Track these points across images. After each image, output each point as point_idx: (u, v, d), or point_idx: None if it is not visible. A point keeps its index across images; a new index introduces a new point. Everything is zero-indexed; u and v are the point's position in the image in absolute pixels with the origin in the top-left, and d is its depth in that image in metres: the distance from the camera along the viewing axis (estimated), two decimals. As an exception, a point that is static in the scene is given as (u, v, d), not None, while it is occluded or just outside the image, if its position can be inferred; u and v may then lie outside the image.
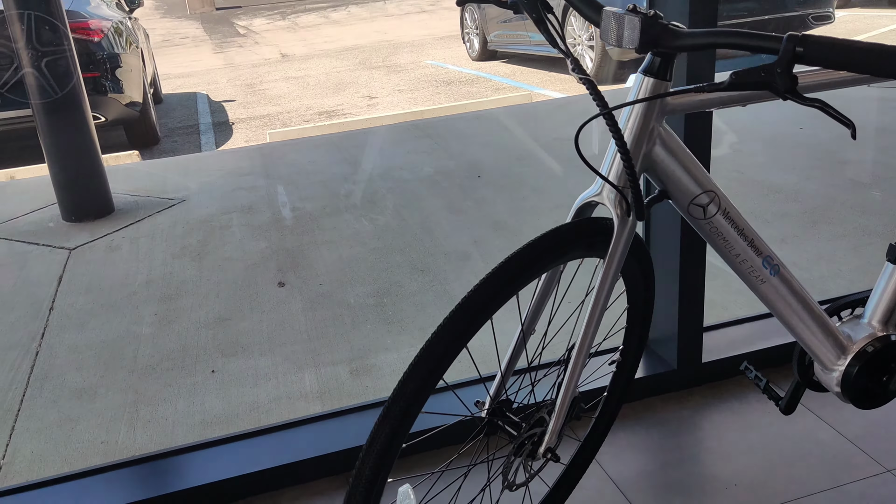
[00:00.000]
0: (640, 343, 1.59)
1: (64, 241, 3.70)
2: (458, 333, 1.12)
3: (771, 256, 1.40)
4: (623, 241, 1.27)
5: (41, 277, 3.31)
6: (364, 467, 1.11)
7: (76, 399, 2.40)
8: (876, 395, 1.57)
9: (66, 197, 3.89)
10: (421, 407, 1.12)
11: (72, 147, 3.82)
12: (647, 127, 1.22)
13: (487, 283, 1.15)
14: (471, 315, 1.13)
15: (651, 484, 1.79)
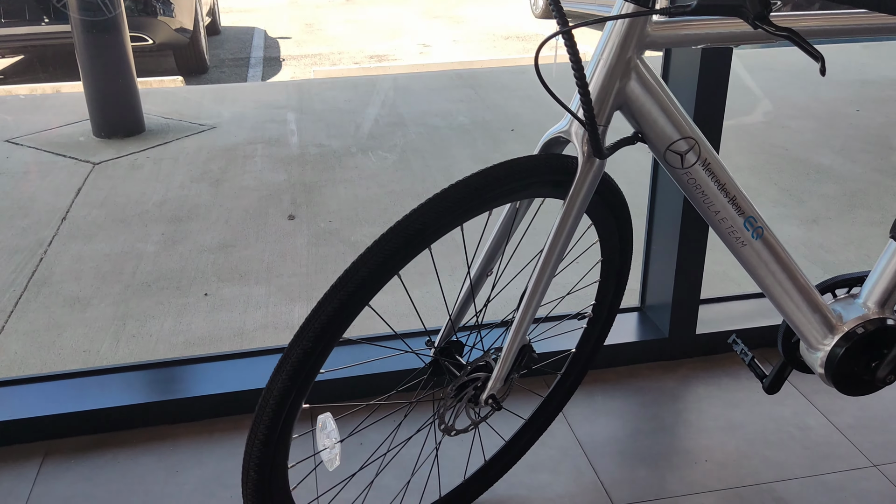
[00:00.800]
0: (614, 301, 1.50)
1: (90, 155, 3.71)
2: (388, 256, 1.05)
3: (754, 218, 1.30)
4: (588, 182, 1.18)
5: (61, 188, 3.33)
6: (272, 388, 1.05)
7: (69, 307, 2.41)
8: (862, 382, 1.46)
9: (98, 113, 3.90)
10: (343, 328, 1.05)
11: (107, 65, 3.82)
12: (622, 57, 1.12)
13: (425, 208, 1.07)
14: (404, 238, 1.05)
15: (617, 450, 1.71)
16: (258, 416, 1.05)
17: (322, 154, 3.70)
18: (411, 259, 1.08)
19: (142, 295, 2.47)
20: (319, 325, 1.02)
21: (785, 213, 2.99)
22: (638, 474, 1.65)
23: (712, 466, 1.67)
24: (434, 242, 1.10)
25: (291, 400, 1.05)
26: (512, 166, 1.13)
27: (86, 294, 2.48)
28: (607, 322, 1.53)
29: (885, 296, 1.42)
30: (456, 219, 1.10)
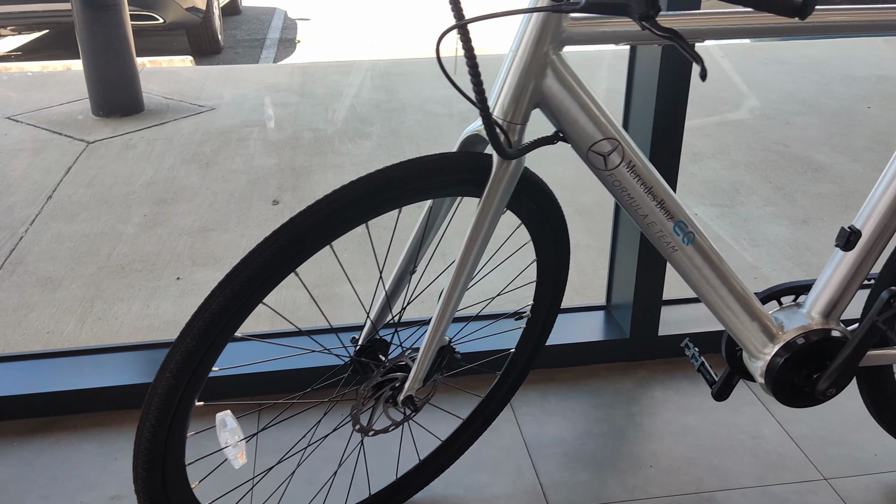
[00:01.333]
0: (553, 303, 1.46)
1: (85, 134, 3.72)
2: (278, 253, 1.02)
3: (685, 222, 1.25)
4: (504, 181, 1.14)
5: (52, 166, 3.34)
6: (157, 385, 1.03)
7: (40, 287, 2.42)
8: (804, 394, 1.41)
9: (96, 92, 3.90)
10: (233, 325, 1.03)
11: (106, 44, 3.82)
12: (537, 53, 1.08)
13: (320, 205, 1.04)
14: (296, 236, 1.02)
15: (563, 452, 1.68)
16: (144, 413, 1.03)
17: (316, 139, 3.68)
18: (308, 256, 1.05)
19: (114, 277, 2.47)
20: (204, 323, 1.00)
21: (775, 212, 2.92)
22: (579, 478, 1.61)
23: (656, 472, 1.63)
24: (335, 239, 1.08)
25: (180, 397, 1.03)
26: (419, 164, 1.10)
27: (59, 275, 2.48)
28: (547, 323, 1.49)
29: (829, 306, 1.37)
30: (357, 216, 1.07)
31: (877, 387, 1.51)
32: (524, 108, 1.11)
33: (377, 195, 1.07)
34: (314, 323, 2.22)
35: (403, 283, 1.31)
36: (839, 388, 1.38)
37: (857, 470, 1.63)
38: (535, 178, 1.24)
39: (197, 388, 1.05)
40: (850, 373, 1.37)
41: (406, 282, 1.31)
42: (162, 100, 4.24)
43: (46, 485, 1.58)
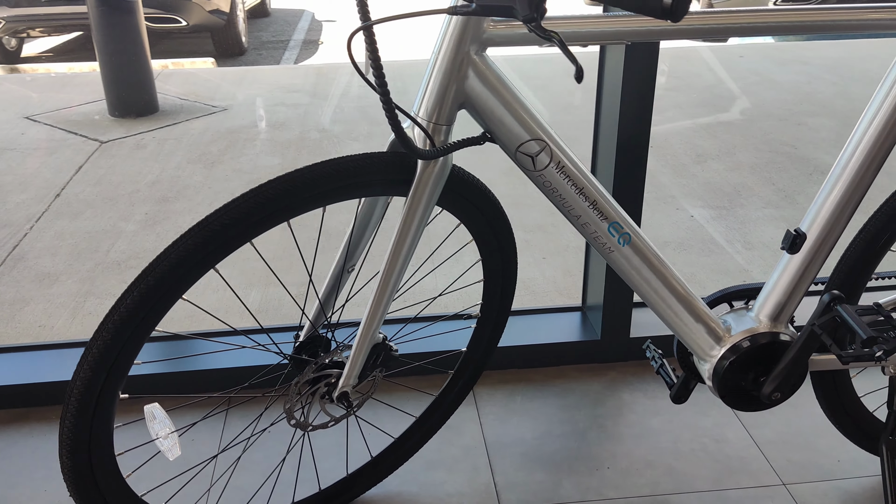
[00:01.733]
0: (504, 302, 1.47)
1: (100, 134, 3.81)
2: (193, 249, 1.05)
3: (620, 223, 1.25)
4: (430, 181, 1.15)
5: (63, 165, 3.43)
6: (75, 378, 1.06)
7: (37, 282, 2.48)
8: (751, 398, 1.40)
9: (112, 93, 3.99)
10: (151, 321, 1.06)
11: (121, 46, 3.91)
12: (458, 54, 1.09)
13: (237, 202, 1.07)
14: (210, 233, 1.05)
15: (522, 451, 1.68)
16: (64, 405, 1.06)
17: (322, 139, 3.72)
18: (226, 254, 1.08)
19: (110, 273, 2.53)
20: (119, 317, 1.03)
21: (774, 214, 2.88)
22: (534, 478, 1.62)
23: (613, 474, 1.63)
24: (256, 237, 1.10)
25: (100, 389, 1.06)
26: (342, 164, 1.12)
27: (57, 270, 2.55)
28: (498, 322, 1.50)
29: (776, 309, 1.36)
30: (278, 214, 1.09)
31: (832, 392, 1.50)
32: (448, 109, 1.12)
33: (298, 193, 1.09)
34: (274, 321, 2.25)
35: (342, 282, 1.33)
36: (785, 392, 1.37)
37: (817, 476, 1.61)
38: (467, 177, 1.25)
39: (118, 382, 1.08)
40: (795, 377, 1.35)
41: (344, 280, 1.33)
42: (177, 100, 4.32)
43: (15, 473, 1.63)
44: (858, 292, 1.39)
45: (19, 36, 6.11)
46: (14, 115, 4.12)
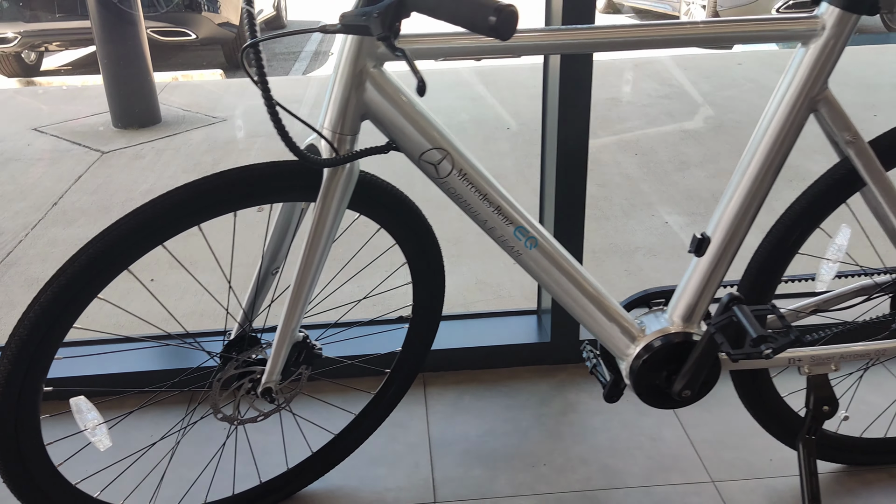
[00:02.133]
0: (433, 302, 1.53)
1: (102, 144, 3.94)
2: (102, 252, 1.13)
3: (526, 227, 1.31)
4: (336, 188, 1.23)
5: (64, 174, 3.55)
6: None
7: (27, 287, 2.59)
8: (666, 395, 1.45)
9: (115, 105, 4.12)
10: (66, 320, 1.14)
11: (123, 59, 4.04)
12: (355, 68, 1.17)
13: (147, 207, 1.15)
14: (118, 236, 1.13)
15: (464, 448, 1.74)
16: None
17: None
18: (137, 256, 1.16)
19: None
20: (34, 315, 1.12)
21: (748, 220, 2.91)
22: (472, 473, 1.68)
23: (548, 471, 1.68)
24: (166, 241, 1.18)
25: (21, 384, 1.14)
26: (248, 171, 1.20)
27: (46, 275, 2.66)
28: (430, 323, 1.57)
29: (688, 310, 1.41)
30: (187, 218, 1.17)
31: (753, 392, 1.54)
32: (350, 120, 1.20)
33: (205, 199, 1.17)
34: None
35: (268, 284, 1.40)
36: (695, 390, 1.42)
37: (746, 474, 1.65)
38: (378, 183, 1.32)
39: (39, 375, 1.16)
40: (703, 375, 1.40)
41: (270, 282, 1.40)
42: (179, 111, 4.45)
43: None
44: (770, 294, 1.43)
45: (38, 50, 6.29)
46: (23, 126, 4.27)
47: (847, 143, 1.26)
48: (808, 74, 1.22)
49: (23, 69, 6.27)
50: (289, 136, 1.10)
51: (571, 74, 1.72)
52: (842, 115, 1.25)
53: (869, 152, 1.27)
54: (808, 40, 1.21)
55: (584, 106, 1.75)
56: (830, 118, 1.25)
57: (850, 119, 1.27)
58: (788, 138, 1.28)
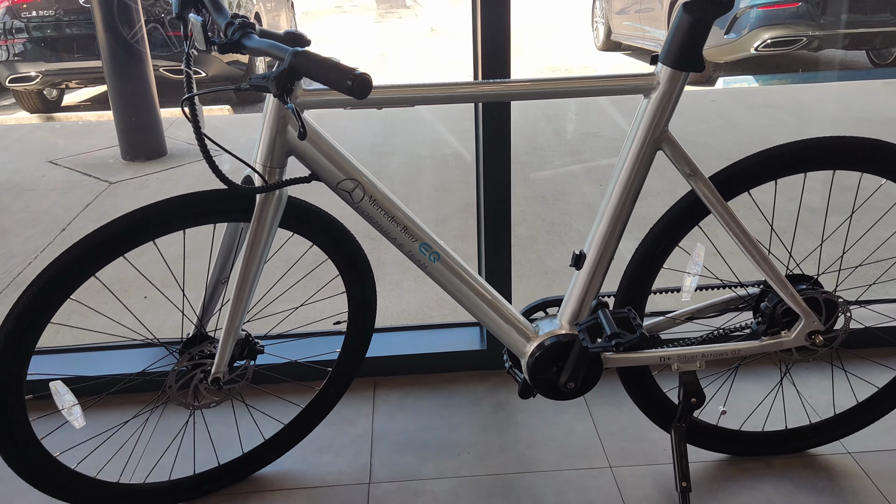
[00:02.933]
0: (365, 313, 1.80)
1: (110, 175, 4.26)
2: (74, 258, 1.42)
3: (429, 244, 1.58)
4: (267, 212, 1.51)
5: (74, 203, 3.87)
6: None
7: (33, 303, 2.89)
8: (558, 388, 1.70)
9: (124, 138, 4.46)
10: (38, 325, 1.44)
11: (131, 95, 4.38)
12: (279, 115, 1.45)
13: (112, 224, 1.43)
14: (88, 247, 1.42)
15: (401, 440, 2.00)
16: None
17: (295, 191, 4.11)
18: (102, 265, 1.45)
19: (95, 296, 2.93)
20: (18, 310, 1.41)
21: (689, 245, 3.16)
22: (404, 460, 1.94)
23: (471, 458, 1.94)
24: (126, 253, 1.46)
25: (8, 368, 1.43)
26: (193, 197, 1.49)
27: (51, 293, 2.95)
28: (364, 332, 1.83)
29: (573, 315, 1.67)
30: (143, 234, 1.46)
31: (636, 387, 1.79)
32: (277, 156, 1.48)
33: (158, 218, 1.46)
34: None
35: (218, 292, 1.68)
36: (578, 383, 1.67)
37: (640, 461, 1.90)
38: (304, 206, 1.60)
39: (23, 362, 1.44)
40: (583, 370, 1.65)
41: (221, 290, 1.68)
42: (184, 145, 4.78)
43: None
44: (642, 303, 1.69)
45: (59, 87, 6.68)
46: (39, 159, 4.61)
47: (688, 175, 1.53)
48: (651, 120, 1.49)
49: (45, 105, 6.66)
50: (219, 169, 1.38)
51: (492, 121, 1.99)
52: (681, 152, 1.51)
53: (708, 184, 1.54)
54: (649, 93, 1.48)
55: (505, 146, 2.02)
56: (672, 155, 1.52)
57: (689, 155, 1.53)
58: (640, 172, 1.54)
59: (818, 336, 1.66)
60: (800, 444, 1.89)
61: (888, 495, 1.77)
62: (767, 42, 5.99)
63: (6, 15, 5.95)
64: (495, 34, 1.91)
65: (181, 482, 1.79)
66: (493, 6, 1.87)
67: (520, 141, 4.73)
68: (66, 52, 5.97)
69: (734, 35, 6.07)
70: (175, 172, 4.29)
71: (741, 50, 6.09)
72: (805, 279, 1.69)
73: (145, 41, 4.38)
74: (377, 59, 9.49)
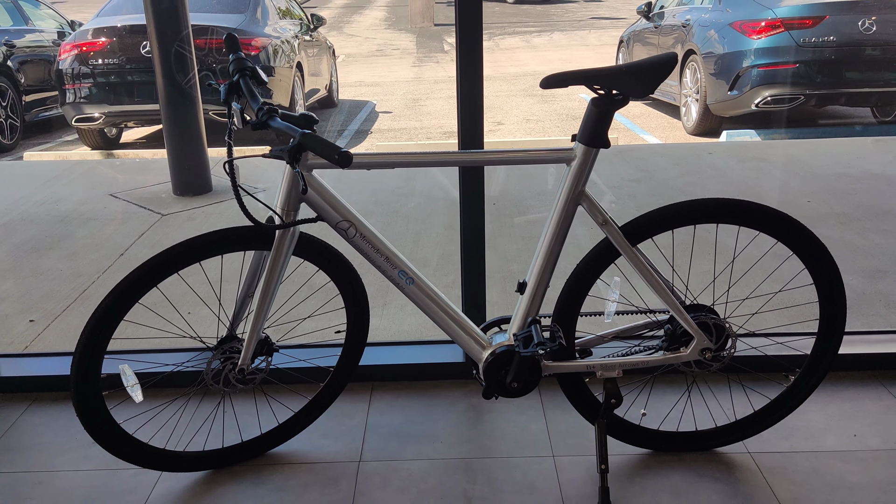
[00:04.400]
0: (360, 323, 2.30)
1: (162, 208, 4.85)
2: (143, 274, 1.94)
3: (405, 271, 2.08)
4: (283, 243, 2.02)
5: (131, 231, 4.45)
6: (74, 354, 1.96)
7: (96, 315, 3.44)
8: (508, 387, 2.18)
9: (175, 175, 5.05)
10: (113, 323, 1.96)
11: (183, 136, 4.98)
12: (292, 175, 1.97)
13: (169, 250, 1.96)
14: (151, 267, 1.94)
15: (389, 431, 2.48)
16: (72, 359, 1.96)
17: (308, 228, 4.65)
18: (161, 279, 1.97)
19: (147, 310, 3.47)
20: (100, 311, 1.93)
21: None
22: (390, 445, 2.42)
23: (442, 446, 2.41)
24: (181, 270, 1.98)
25: (91, 350, 1.95)
26: (229, 231, 2.01)
27: (111, 307, 3.50)
28: (360, 336, 2.32)
29: (518, 330, 2.15)
30: (193, 257, 1.98)
31: (571, 390, 2.25)
32: (291, 202, 1.99)
33: (204, 246, 1.98)
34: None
35: (247, 303, 2.19)
36: (521, 383, 2.14)
37: (579, 453, 2.35)
38: (313, 239, 2.11)
39: (103, 347, 1.97)
40: (525, 373, 2.12)
41: (248, 302, 2.19)
42: (227, 183, 5.35)
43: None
44: (573, 322, 2.16)
45: (118, 126, 7.36)
46: (101, 192, 5.23)
47: (601, 224, 2.01)
48: (572, 183, 1.98)
49: (104, 142, 7.33)
50: (249, 213, 1.90)
51: (468, 183, 2.50)
52: (596, 206, 1.99)
53: (618, 231, 2.02)
54: (570, 162, 1.97)
55: (479, 207, 2.52)
56: (588, 208, 2.00)
57: (602, 209, 2.01)
58: (565, 222, 2.03)
59: (708, 352, 2.12)
60: (707, 443, 2.33)
61: (773, 486, 2.21)
62: (767, 99, 6.45)
63: (75, 61, 6.66)
64: (472, 110, 2.42)
65: (212, 453, 2.29)
66: (470, 91, 2.39)
67: (528, 186, 5.23)
68: (126, 96, 6.65)
69: (737, 92, 6.54)
70: (219, 207, 4.86)
71: (743, 106, 6.55)
72: (703, 308, 2.16)
73: (197, 87, 4.98)
74: (409, 104, 10.09)
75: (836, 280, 2.13)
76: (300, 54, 8.00)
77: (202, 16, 7.07)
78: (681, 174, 5.29)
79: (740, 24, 6.65)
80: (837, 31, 6.44)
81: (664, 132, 7.72)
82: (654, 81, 1.89)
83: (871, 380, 2.67)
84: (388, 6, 25.11)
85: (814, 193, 4.82)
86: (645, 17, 8.54)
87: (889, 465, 2.26)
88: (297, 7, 8.96)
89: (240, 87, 1.98)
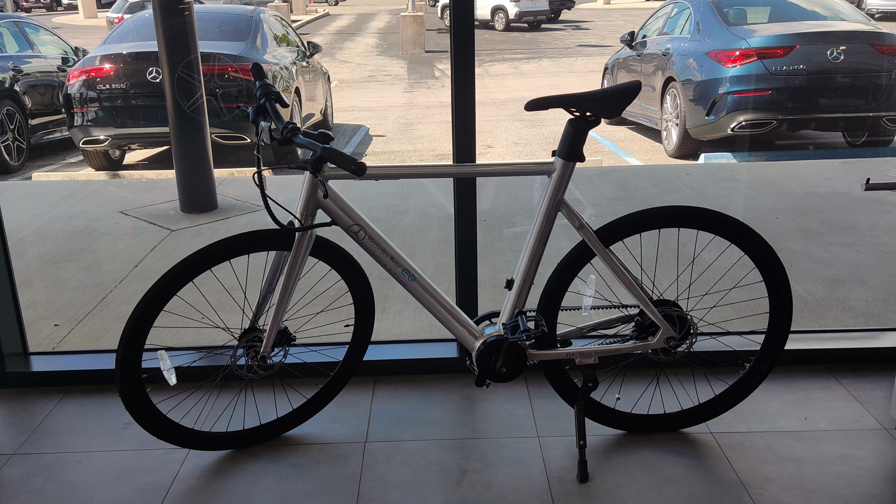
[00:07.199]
0: (366, 317, 2.60)
1: (171, 224, 5.14)
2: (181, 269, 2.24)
3: (407, 269, 2.38)
4: (302, 244, 2.32)
5: (143, 245, 4.74)
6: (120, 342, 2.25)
7: (115, 320, 3.72)
8: (498, 373, 2.47)
9: (183, 193, 5.35)
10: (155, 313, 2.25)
11: (190, 157, 5.28)
12: (311, 184, 2.27)
13: (203, 249, 2.25)
14: (189, 264, 2.24)
15: (391, 417, 2.76)
16: (118, 345, 2.24)
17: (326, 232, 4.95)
18: (195, 276, 2.26)
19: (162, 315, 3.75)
20: (145, 301, 2.22)
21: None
22: (392, 429, 2.70)
23: (439, 429, 2.69)
24: (212, 267, 2.28)
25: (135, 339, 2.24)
26: (255, 232, 2.30)
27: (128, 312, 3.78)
28: (366, 328, 2.62)
29: (508, 321, 2.45)
30: (224, 256, 2.27)
31: (553, 376, 2.54)
32: (310, 208, 2.30)
33: (234, 246, 2.28)
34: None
35: (268, 297, 2.48)
36: (509, 368, 2.43)
37: (561, 434, 2.64)
38: (327, 242, 2.41)
39: (144, 335, 2.25)
40: (511, 360, 2.41)
41: (269, 297, 2.48)
42: (232, 201, 5.65)
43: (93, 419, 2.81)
44: (555, 314, 2.46)
45: (122, 148, 7.66)
46: (112, 210, 5.51)
47: (578, 228, 2.32)
48: (552, 192, 2.29)
49: (109, 163, 7.63)
50: (276, 217, 2.20)
51: (462, 195, 2.81)
52: (573, 212, 2.30)
53: (593, 234, 2.32)
54: (550, 174, 2.28)
55: (471, 210, 2.83)
56: (567, 215, 2.31)
57: (579, 214, 2.32)
58: (547, 226, 2.33)
59: (672, 341, 2.42)
60: (674, 424, 2.63)
61: (731, 459, 2.50)
62: (742, 123, 6.81)
63: (83, 86, 6.97)
64: (465, 128, 2.73)
65: (235, 434, 2.58)
66: (463, 111, 2.70)
67: (515, 204, 5.54)
68: (131, 119, 6.96)
69: (714, 117, 6.91)
70: (224, 223, 5.15)
71: (719, 130, 6.91)
72: (668, 303, 2.46)
73: (204, 111, 5.29)
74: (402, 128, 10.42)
75: (781, 277, 2.45)
76: (298, 80, 8.33)
77: (205, 43, 7.39)
78: (659, 193, 5.63)
79: (716, 53, 7.04)
80: (807, 59, 6.83)
81: (646, 155, 8.07)
82: (621, 105, 2.21)
83: (825, 372, 2.98)
84: (379, 33, 25.58)
85: (782, 210, 5.15)
86: (628, 46, 8.93)
87: (834, 443, 2.57)
88: (293, 34, 9.31)
89: (266, 108, 2.28)
